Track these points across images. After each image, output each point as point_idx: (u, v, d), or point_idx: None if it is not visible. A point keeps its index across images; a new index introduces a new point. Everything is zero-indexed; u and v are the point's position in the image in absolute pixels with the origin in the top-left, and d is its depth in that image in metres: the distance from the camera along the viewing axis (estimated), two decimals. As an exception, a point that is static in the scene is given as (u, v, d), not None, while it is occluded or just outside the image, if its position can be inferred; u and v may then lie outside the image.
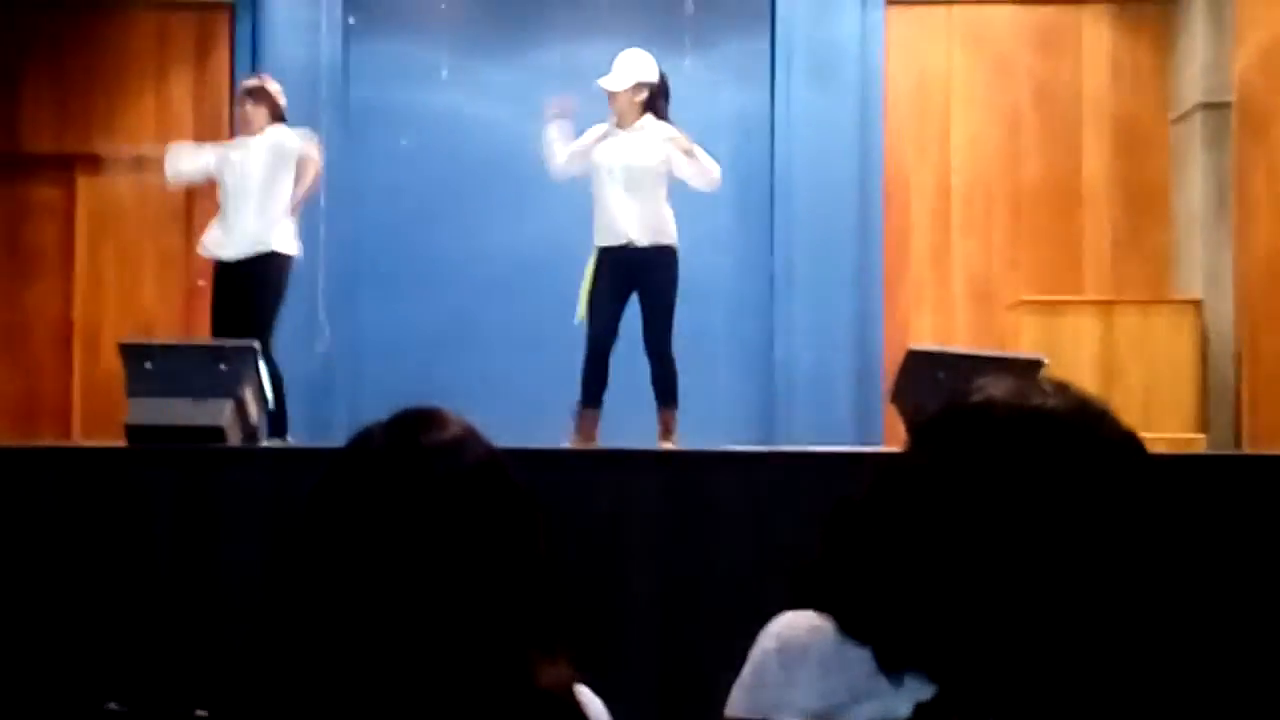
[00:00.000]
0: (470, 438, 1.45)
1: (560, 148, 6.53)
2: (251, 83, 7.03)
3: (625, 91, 6.39)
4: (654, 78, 6.47)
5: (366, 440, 1.45)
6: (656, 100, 6.45)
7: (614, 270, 6.24)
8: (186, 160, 6.94)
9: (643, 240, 6.24)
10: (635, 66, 6.45)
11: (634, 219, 6.25)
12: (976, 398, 1.27)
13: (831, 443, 7.46)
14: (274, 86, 6.93)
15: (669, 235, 6.32)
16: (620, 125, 6.45)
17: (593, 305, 6.26)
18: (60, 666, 4.21)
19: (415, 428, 1.44)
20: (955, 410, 1.28)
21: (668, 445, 6.14)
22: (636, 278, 6.26)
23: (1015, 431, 1.23)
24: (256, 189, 6.64)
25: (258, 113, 6.78)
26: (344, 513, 1.39)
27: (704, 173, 6.41)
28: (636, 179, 6.28)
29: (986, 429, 1.24)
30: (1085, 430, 1.23)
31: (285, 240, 6.68)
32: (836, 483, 4.64)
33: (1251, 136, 7.90)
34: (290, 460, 4.69)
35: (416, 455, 1.40)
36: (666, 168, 6.37)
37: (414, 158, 8.80)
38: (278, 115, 6.85)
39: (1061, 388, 1.27)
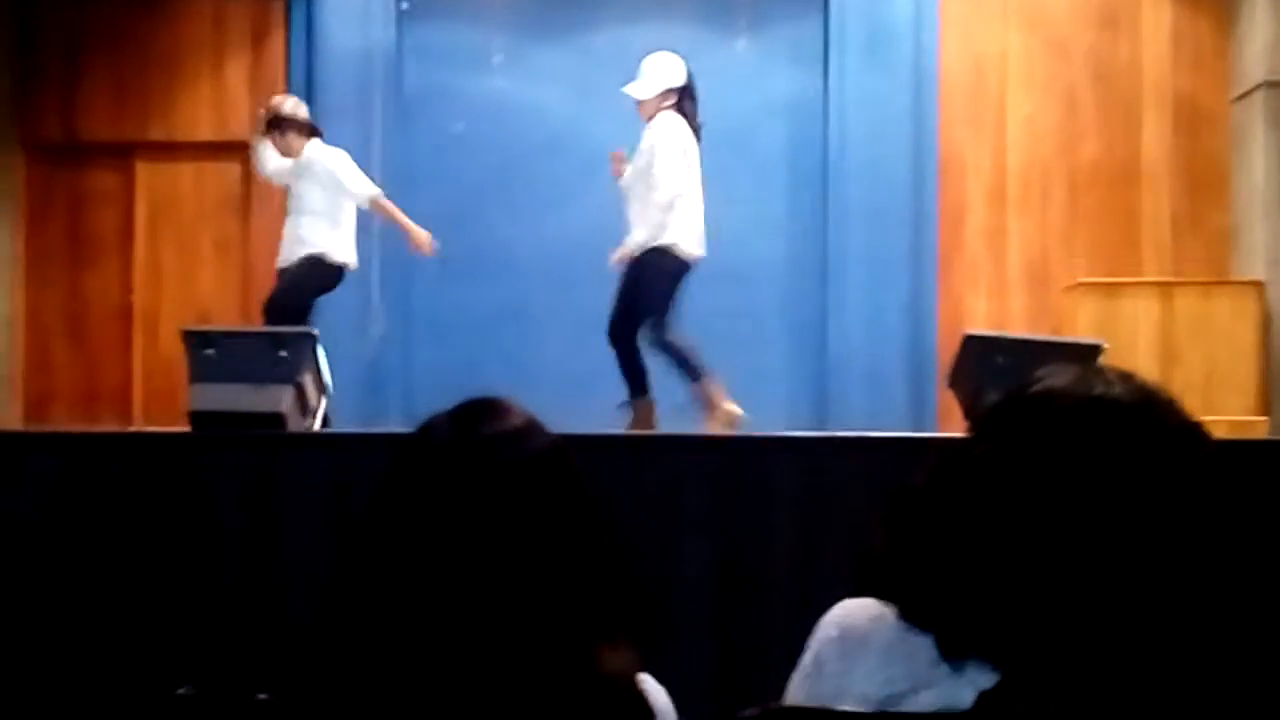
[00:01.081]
0: (533, 428, 1.47)
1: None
2: (262, 115, 7.12)
3: (653, 98, 6.42)
4: (679, 81, 6.44)
5: (431, 430, 1.46)
6: (683, 103, 6.44)
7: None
8: (272, 165, 7.11)
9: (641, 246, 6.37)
10: (660, 72, 6.45)
11: (635, 220, 6.41)
12: (1038, 386, 1.27)
13: (885, 426, 7.42)
14: (287, 108, 7.01)
15: (646, 241, 6.34)
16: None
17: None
18: (128, 652, 4.28)
19: (479, 418, 1.45)
20: (1018, 398, 1.28)
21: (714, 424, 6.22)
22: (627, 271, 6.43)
23: (1078, 420, 1.22)
24: (309, 207, 6.88)
25: (288, 141, 6.92)
26: (410, 502, 1.41)
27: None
28: (638, 183, 6.39)
29: (1049, 418, 1.24)
30: (1148, 419, 1.23)
31: (344, 250, 6.96)
32: (890, 468, 4.63)
33: (1315, 115, 7.80)
34: (350, 446, 4.73)
35: (481, 445, 1.42)
36: (653, 173, 6.35)
37: (467, 143, 8.84)
38: (310, 130, 6.99)
39: (1125, 376, 1.27)
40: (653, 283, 6.32)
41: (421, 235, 7.03)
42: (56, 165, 9.03)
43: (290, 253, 6.90)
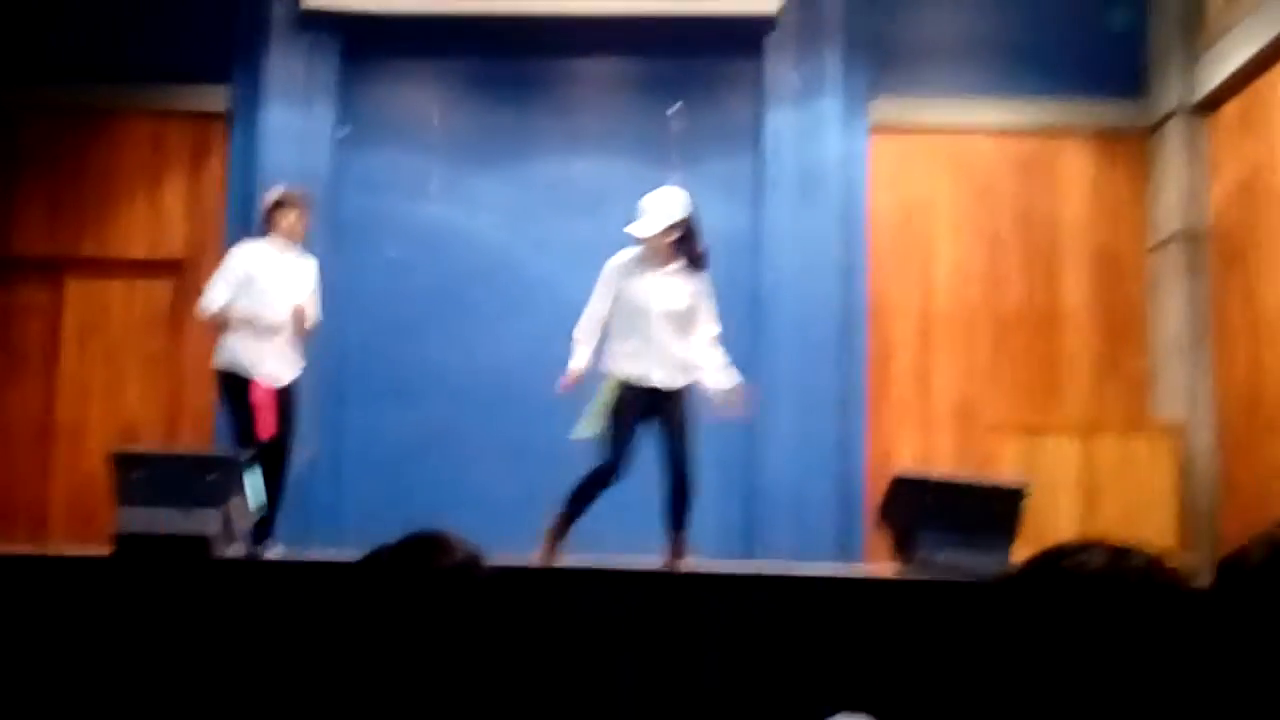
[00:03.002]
0: (476, 562, 1.50)
1: (600, 328, 6.23)
2: (297, 189, 6.79)
3: (657, 235, 6.15)
4: (683, 215, 6.21)
5: (377, 562, 1.49)
6: (689, 240, 6.22)
7: (637, 405, 6.05)
8: (220, 294, 6.40)
9: (667, 383, 6.09)
10: (663, 208, 6.20)
11: (665, 361, 6.10)
12: (1070, 563, 1.33)
13: (812, 559, 7.46)
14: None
15: (691, 375, 6.17)
16: (651, 264, 6.18)
17: (615, 435, 6.01)
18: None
19: (427, 552, 1.48)
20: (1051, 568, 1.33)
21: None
22: (659, 411, 6.08)
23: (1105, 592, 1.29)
24: (286, 317, 6.42)
25: (302, 222, 6.60)
26: (370, 636, 1.43)
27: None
28: (672, 322, 6.13)
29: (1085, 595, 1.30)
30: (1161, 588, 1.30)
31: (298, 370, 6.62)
32: (820, 603, 4.66)
33: (1228, 265, 8.06)
34: (279, 573, 4.68)
35: (429, 579, 1.44)
36: (696, 314, 6.20)
37: (402, 268, 8.88)
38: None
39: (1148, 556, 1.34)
40: (694, 413, 6.17)
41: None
42: (-15, 279, 8.96)
43: (286, 371, 6.59)
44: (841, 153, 8.79)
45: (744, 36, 8.92)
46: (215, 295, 6.38)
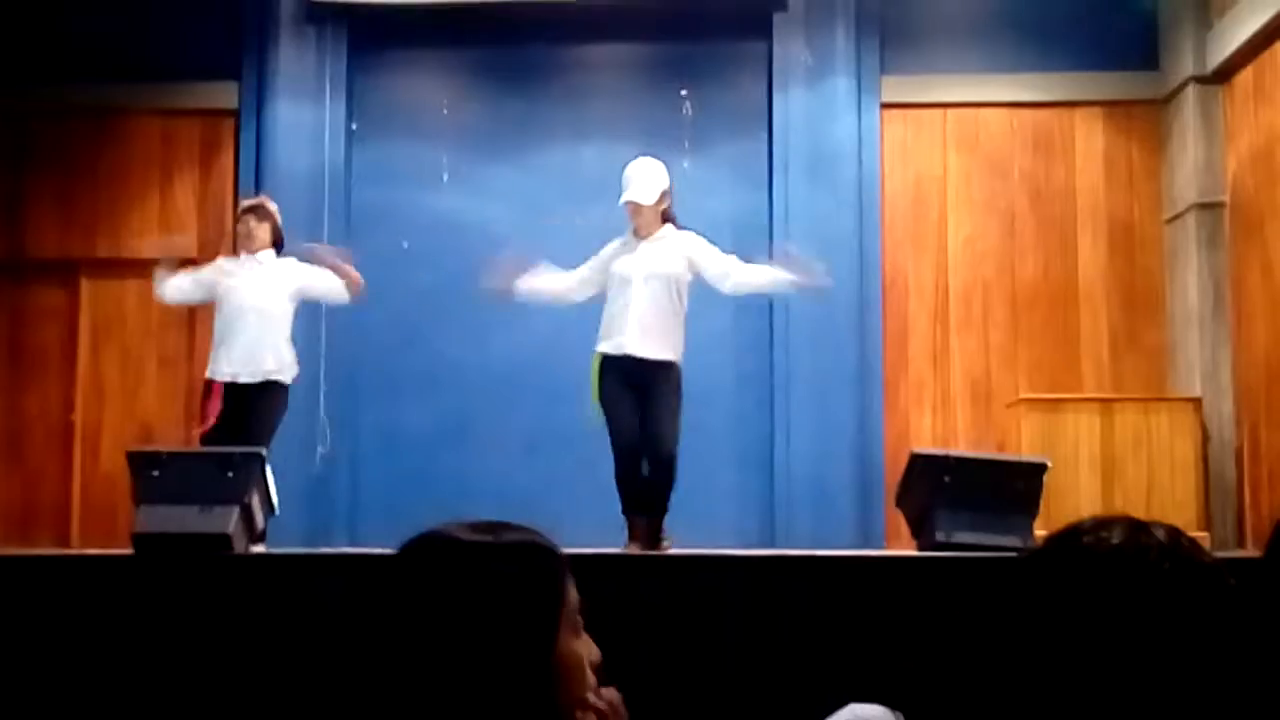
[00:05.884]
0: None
1: (570, 285, 6.33)
2: (253, 201, 7.01)
3: (653, 204, 6.16)
4: (668, 182, 6.25)
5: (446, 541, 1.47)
6: (671, 207, 6.28)
7: (620, 376, 6.04)
8: (172, 290, 6.80)
9: (647, 354, 6.04)
10: (654, 177, 6.21)
11: (647, 331, 6.05)
12: (1090, 539, 1.31)
13: (833, 543, 7.44)
14: (273, 206, 6.92)
15: (674, 351, 6.11)
16: (641, 235, 6.20)
17: (608, 412, 6.03)
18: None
19: (497, 529, 1.48)
20: (1067, 551, 1.32)
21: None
22: (642, 383, 6.04)
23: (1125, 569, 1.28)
24: (253, 315, 6.56)
25: (261, 229, 6.72)
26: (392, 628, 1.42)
27: (766, 279, 6.29)
28: (659, 289, 6.09)
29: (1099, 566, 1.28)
30: (1181, 565, 1.28)
31: (284, 370, 6.64)
32: (839, 585, 4.64)
33: (1246, 236, 8.00)
34: (299, 566, 4.68)
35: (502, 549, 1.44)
36: (688, 277, 6.19)
37: (415, 260, 8.87)
38: (278, 236, 6.81)
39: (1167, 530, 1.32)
40: (679, 393, 6.11)
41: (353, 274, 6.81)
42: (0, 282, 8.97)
43: (241, 373, 6.70)
44: (853, 132, 8.76)
45: (753, 17, 8.89)
46: (171, 283, 6.78)
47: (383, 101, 9.13)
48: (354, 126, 9.02)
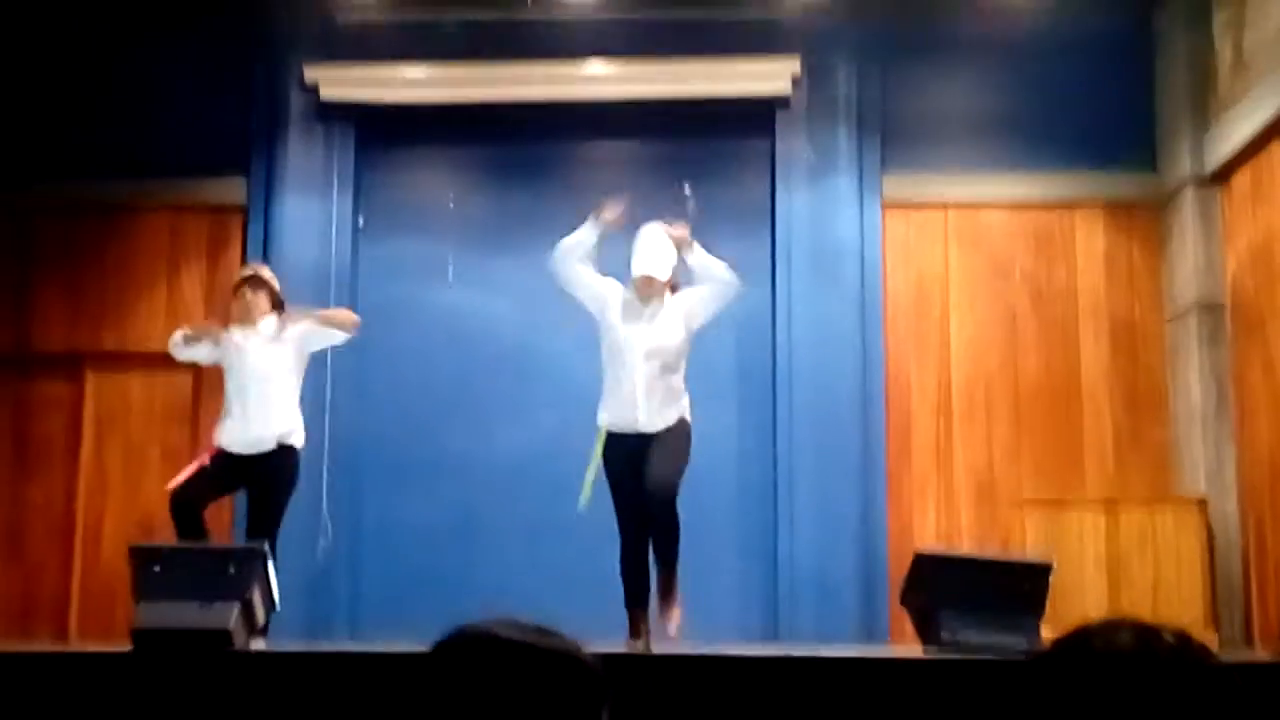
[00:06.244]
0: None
1: (579, 251, 6.27)
2: (247, 271, 7.01)
3: (665, 280, 6.15)
4: (675, 255, 6.22)
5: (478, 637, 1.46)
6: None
7: (625, 453, 5.97)
8: (185, 350, 6.83)
9: (655, 428, 6.01)
10: (668, 249, 6.20)
11: (653, 406, 6.02)
12: (1100, 643, 1.31)
13: (837, 638, 7.40)
14: (268, 273, 6.92)
15: (680, 411, 6.10)
16: (643, 301, 6.15)
17: (615, 489, 5.98)
18: None
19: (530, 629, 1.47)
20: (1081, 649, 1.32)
21: (671, 624, 5.89)
22: (649, 446, 5.98)
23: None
24: (262, 382, 6.55)
25: (258, 299, 6.71)
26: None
27: (715, 276, 6.23)
28: (661, 365, 6.06)
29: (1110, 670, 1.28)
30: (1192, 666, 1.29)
31: (294, 433, 6.64)
32: (844, 686, 4.60)
33: (1247, 335, 8.03)
34: (299, 664, 4.64)
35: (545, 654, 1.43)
36: (688, 346, 6.18)
37: (420, 355, 8.90)
38: (277, 303, 6.80)
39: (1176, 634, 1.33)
40: (686, 445, 6.08)
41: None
42: (5, 374, 8.99)
43: (250, 443, 6.71)
44: (856, 229, 8.83)
45: (756, 116, 9.00)
46: (186, 342, 6.81)
47: (389, 198, 9.22)
48: (361, 223, 9.09)
